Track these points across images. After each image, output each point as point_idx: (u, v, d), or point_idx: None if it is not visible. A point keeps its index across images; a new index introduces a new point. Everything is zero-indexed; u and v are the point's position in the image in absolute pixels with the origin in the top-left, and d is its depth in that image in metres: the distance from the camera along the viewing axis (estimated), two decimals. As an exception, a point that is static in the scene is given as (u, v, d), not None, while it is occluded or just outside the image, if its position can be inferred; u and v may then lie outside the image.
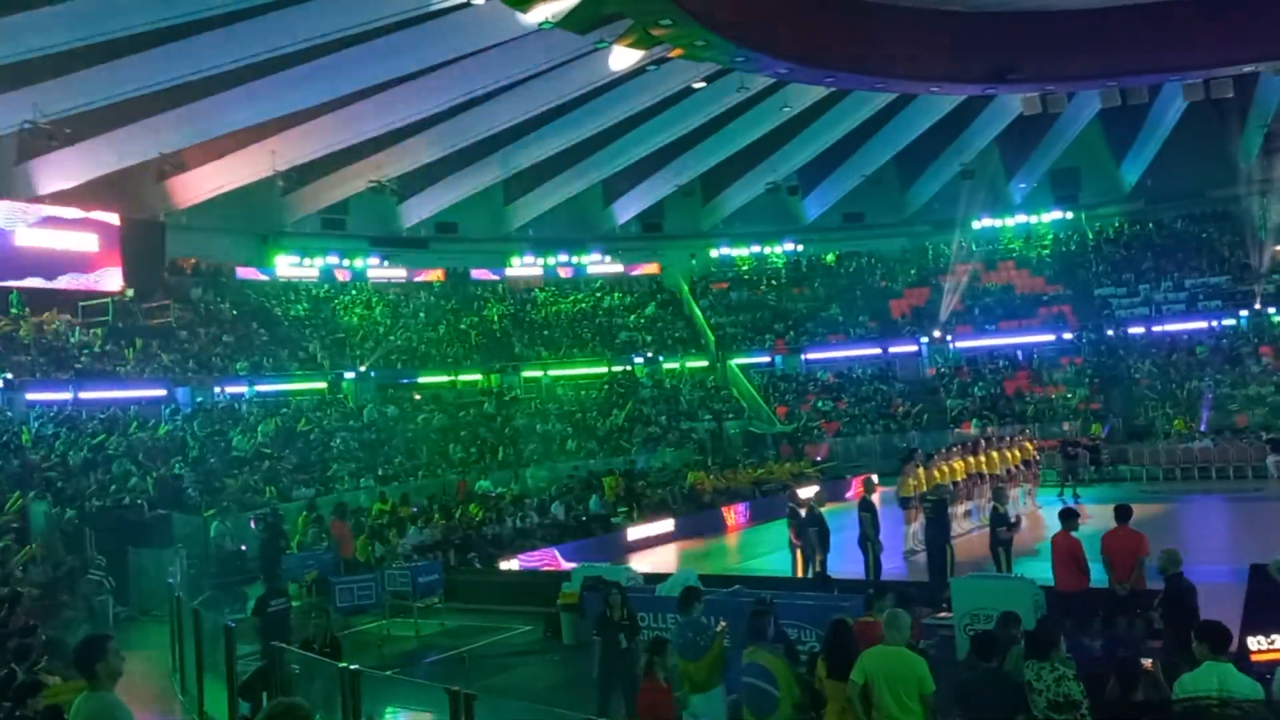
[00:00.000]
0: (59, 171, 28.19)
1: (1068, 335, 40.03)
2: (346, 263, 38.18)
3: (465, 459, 29.29)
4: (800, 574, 17.10)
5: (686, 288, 44.90)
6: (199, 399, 28.39)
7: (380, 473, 26.82)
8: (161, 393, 27.64)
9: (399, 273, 39.82)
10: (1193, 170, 40.25)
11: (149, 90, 25.75)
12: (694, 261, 46.00)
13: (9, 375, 25.01)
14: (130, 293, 30.60)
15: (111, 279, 30.21)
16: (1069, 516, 12.48)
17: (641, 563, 21.23)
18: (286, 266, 36.68)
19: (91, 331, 28.72)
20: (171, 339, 30.10)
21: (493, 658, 14.28)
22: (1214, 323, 37.59)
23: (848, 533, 18.07)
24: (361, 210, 37.81)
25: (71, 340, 28.02)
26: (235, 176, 31.30)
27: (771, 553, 20.57)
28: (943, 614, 12.32)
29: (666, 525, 24.82)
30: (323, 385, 32.19)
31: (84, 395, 25.98)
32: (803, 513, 17.54)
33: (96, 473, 21.97)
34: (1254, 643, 8.75)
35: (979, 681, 7.62)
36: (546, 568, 20.67)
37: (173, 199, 31.56)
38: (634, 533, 23.91)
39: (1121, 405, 34.96)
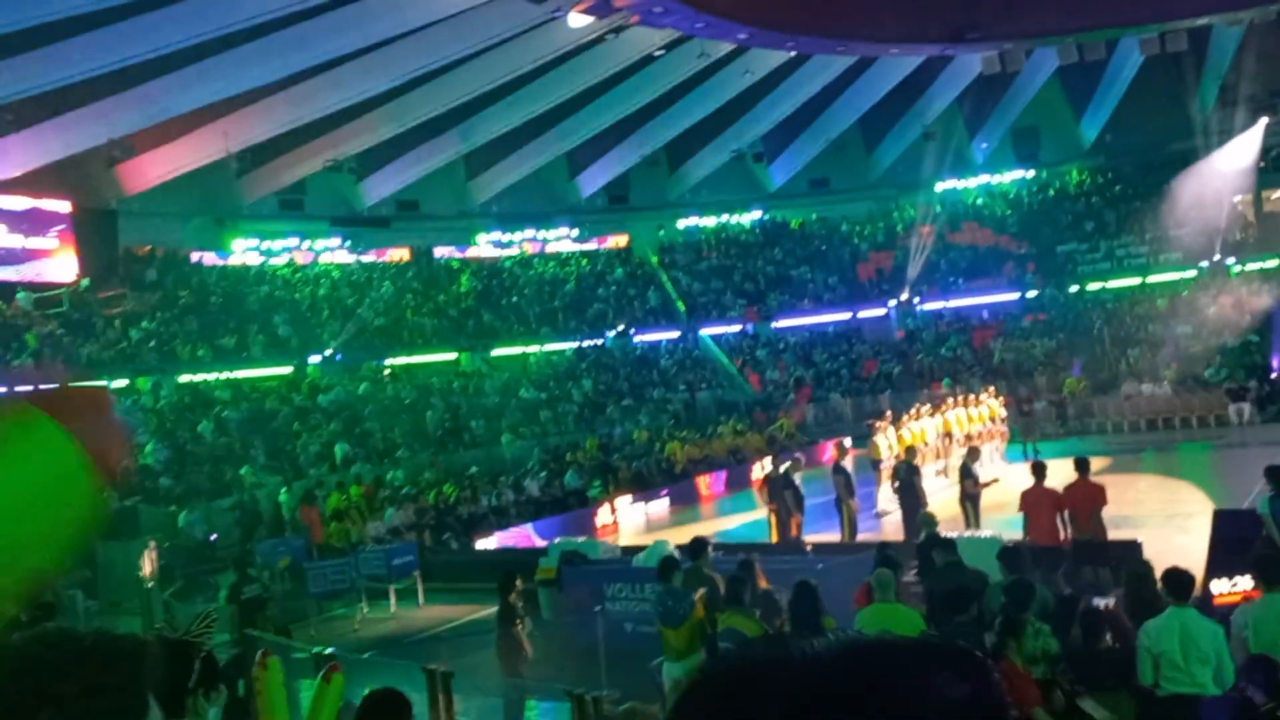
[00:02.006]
0: (4, 160, 27.53)
1: (1032, 293, 40.37)
2: (307, 244, 37.65)
3: (441, 436, 29.14)
4: (776, 539, 17.17)
5: (656, 259, 44.77)
6: (162, 388, 28.01)
7: (352, 454, 26.60)
8: (124, 383, 27.24)
9: (361, 253, 39.34)
10: (1151, 124, 40.53)
11: (94, 73, 25.19)
12: (662, 232, 45.86)
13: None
14: (85, 282, 30.08)
15: (65, 268, 29.67)
16: (1040, 470, 12.59)
17: (617, 535, 21.29)
18: (244, 251, 36.12)
19: (50, 323, 28.24)
20: (130, 328, 29.63)
21: (471, 635, 14.24)
22: (1172, 275, 38.03)
23: (823, 496, 18.15)
24: (320, 190, 37.27)
25: (28, 333, 27.53)
26: (187, 160, 30.75)
27: (748, 520, 20.63)
28: (915, 573, 12.42)
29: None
30: (288, 370, 31.83)
31: (45, 387, 25.55)
32: (775, 476, 17.59)
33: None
34: (1217, 586, 8.88)
35: (952, 636, 7.68)
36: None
37: (124, 185, 30.98)
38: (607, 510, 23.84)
39: (1085, 360, 35.29)
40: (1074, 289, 39.82)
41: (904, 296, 41.55)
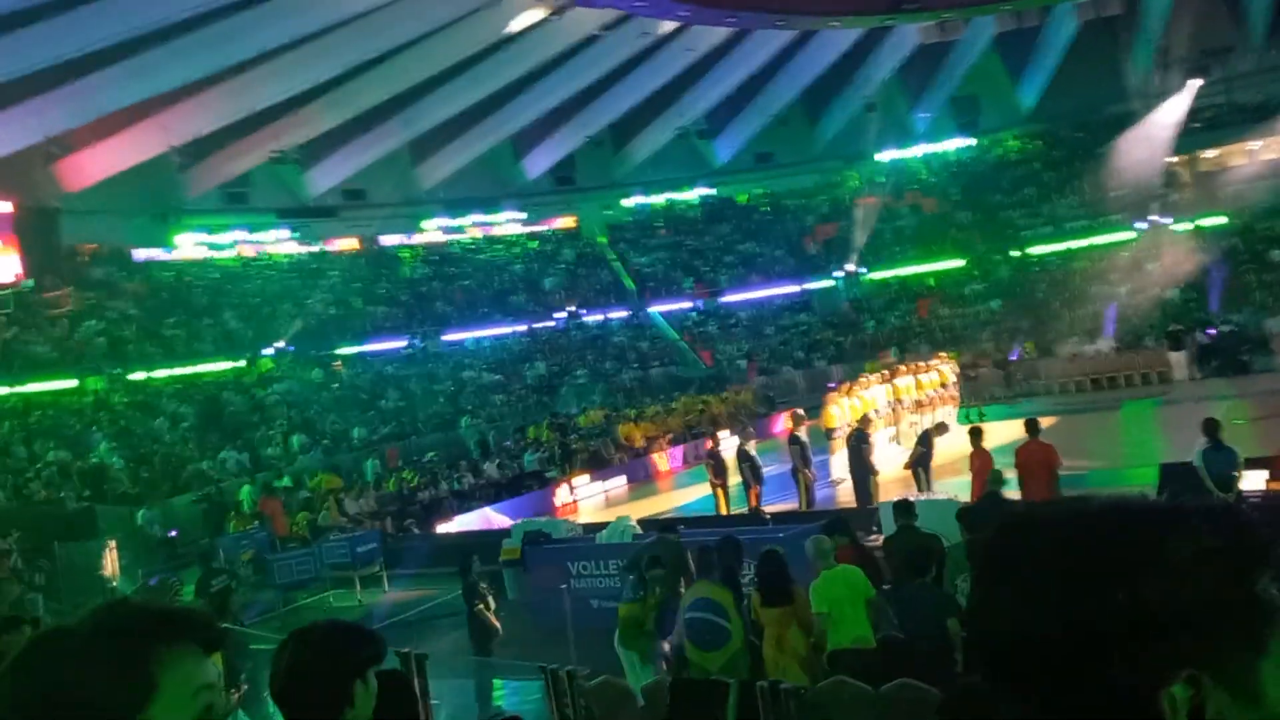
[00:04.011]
0: (-60, 162, 26.95)
1: (975, 258, 41.01)
2: (254, 237, 37.20)
3: (397, 422, 29.08)
4: (725, 510, 17.51)
5: (604, 239, 44.81)
6: (114, 386, 27.64)
7: (311, 440, 26.49)
8: (74, 383, 26.86)
9: (309, 244, 38.93)
10: (1088, 89, 41.19)
11: (29, 71, 24.67)
12: (609, 212, 45.89)
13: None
14: (30, 283, 29.52)
15: (8, 269, 29.09)
16: (976, 434, 12.90)
17: (577, 514, 21.48)
18: (191, 246, 35.62)
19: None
20: (78, 326, 29.16)
21: (439, 619, 14.37)
22: (1112, 236, 38.79)
23: (779, 466, 18.46)
24: (265, 182, 36.84)
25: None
26: (128, 156, 30.24)
27: (706, 494, 20.87)
28: (873, 537, 12.76)
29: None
30: (240, 364, 31.51)
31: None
32: (730, 453, 17.90)
33: (20, 462, 21.47)
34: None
35: (913, 595, 7.97)
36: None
37: (65, 183, 30.39)
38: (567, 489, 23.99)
39: (1031, 322, 35.94)
40: (1017, 253, 40.50)
41: (851, 267, 42.02)
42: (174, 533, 20.96)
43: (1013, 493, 12.71)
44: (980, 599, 1.00)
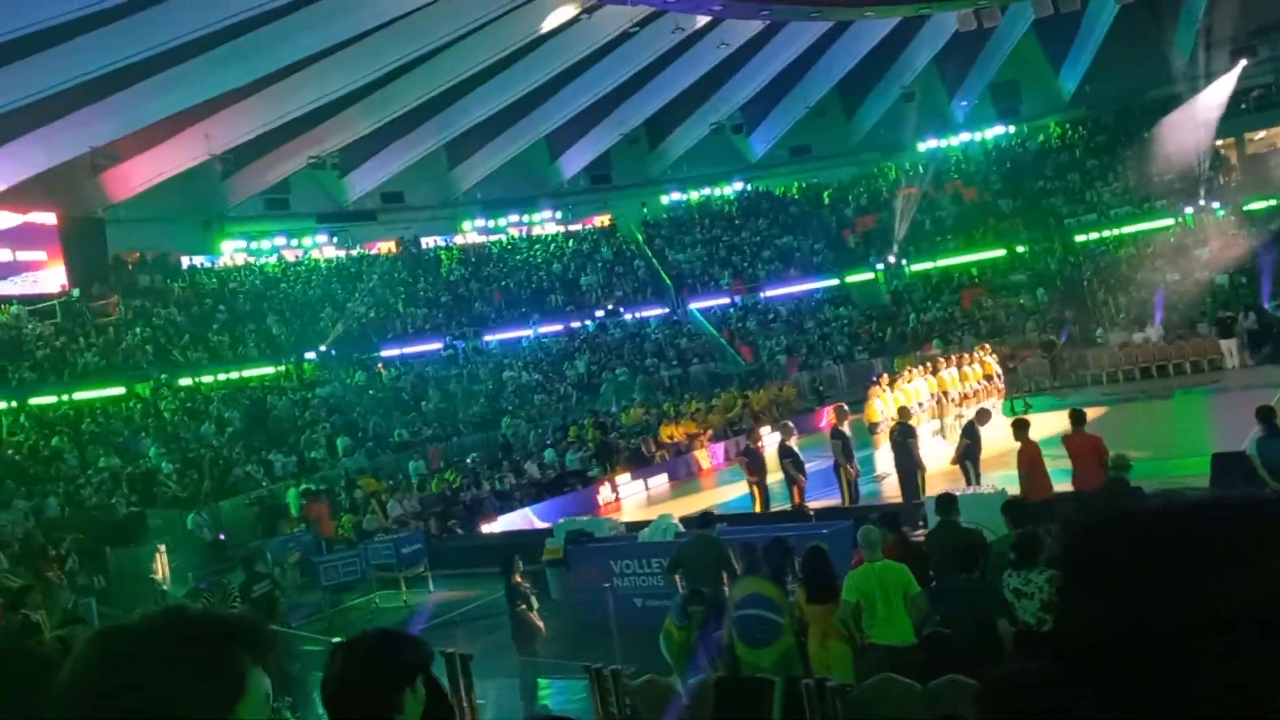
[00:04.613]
0: (-10, 175, 27.53)
1: (1020, 248, 40.42)
2: (295, 242, 37.66)
3: (439, 423, 29.25)
4: (760, 508, 17.39)
5: (641, 237, 44.77)
6: (161, 392, 28.07)
7: (355, 442, 26.70)
8: (122, 390, 27.31)
9: (349, 248, 39.31)
10: (1130, 72, 40.51)
11: (72, 84, 25.13)
12: (645, 209, 45.85)
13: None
14: (76, 292, 30.08)
15: (55, 279, 29.67)
16: (1021, 426, 12.66)
17: (620, 512, 21.46)
18: (233, 252, 36.19)
19: (43, 332, 28.32)
20: (125, 333, 29.65)
21: (483, 619, 14.41)
22: (1159, 222, 38.05)
23: (821, 462, 18.28)
24: (304, 188, 37.26)
25: (26, 341, 27.60)
26: (171, 164, 30.72)
27: (748, 491, 20.74)
28: (919, 532, 12.59)
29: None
30: (284, 367, 31.89)
31: (36, 401, 25.69)
32: (772, 449, 17.77)
33: (72, 469, 21.86)
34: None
35: (959, 590, 7.84)
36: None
37: (110, 192, 30.94)
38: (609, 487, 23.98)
39: (1077, 311, 35.37)
40: (1061, 241, 39.86)
41: (891, 259, 41.60)
42: (223, 536, 21.24)
43: (1065, 484, 12.50)
44: (1066, 598, 0.99)
